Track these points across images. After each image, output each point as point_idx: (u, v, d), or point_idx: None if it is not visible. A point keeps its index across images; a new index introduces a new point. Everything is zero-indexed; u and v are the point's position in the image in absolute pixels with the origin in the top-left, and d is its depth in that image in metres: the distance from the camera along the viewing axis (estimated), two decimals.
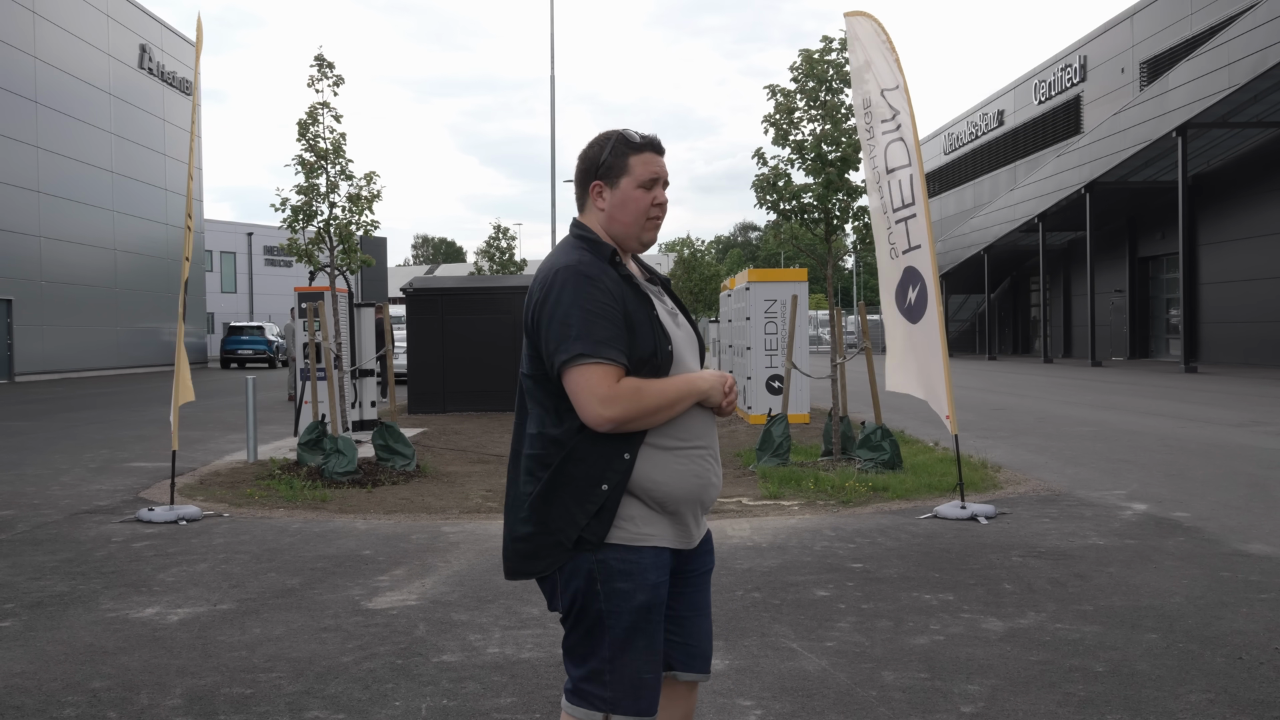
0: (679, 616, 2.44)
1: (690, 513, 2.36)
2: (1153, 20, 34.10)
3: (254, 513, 7.75)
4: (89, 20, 33.73)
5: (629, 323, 2.25)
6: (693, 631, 2.47)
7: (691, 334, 2.47)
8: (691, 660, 2.47)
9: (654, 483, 2.28)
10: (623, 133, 2.39)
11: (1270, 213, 27.86)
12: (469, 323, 17.02)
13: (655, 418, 2.24)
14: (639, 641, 2.29)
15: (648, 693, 2.30)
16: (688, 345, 2.42)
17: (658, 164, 2.37)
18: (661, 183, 2.38)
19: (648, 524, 2.30)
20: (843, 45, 9.71)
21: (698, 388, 2.29)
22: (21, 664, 4.26)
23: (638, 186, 2.35)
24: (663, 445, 2.29)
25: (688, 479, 2.31)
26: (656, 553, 2.31)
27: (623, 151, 2.36)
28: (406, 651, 4.37)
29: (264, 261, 56.19)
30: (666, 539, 2.33)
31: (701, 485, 2.35)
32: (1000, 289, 45.67)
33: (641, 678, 2.30)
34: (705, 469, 2.35)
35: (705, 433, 2.36)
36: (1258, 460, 9.85)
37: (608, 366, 2.19)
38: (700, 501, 2.38)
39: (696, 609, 2.48)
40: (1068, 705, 3.68)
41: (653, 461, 2.28)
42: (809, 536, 6.64)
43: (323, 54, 9.87)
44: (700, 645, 2.48)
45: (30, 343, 29.68)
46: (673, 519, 2.33)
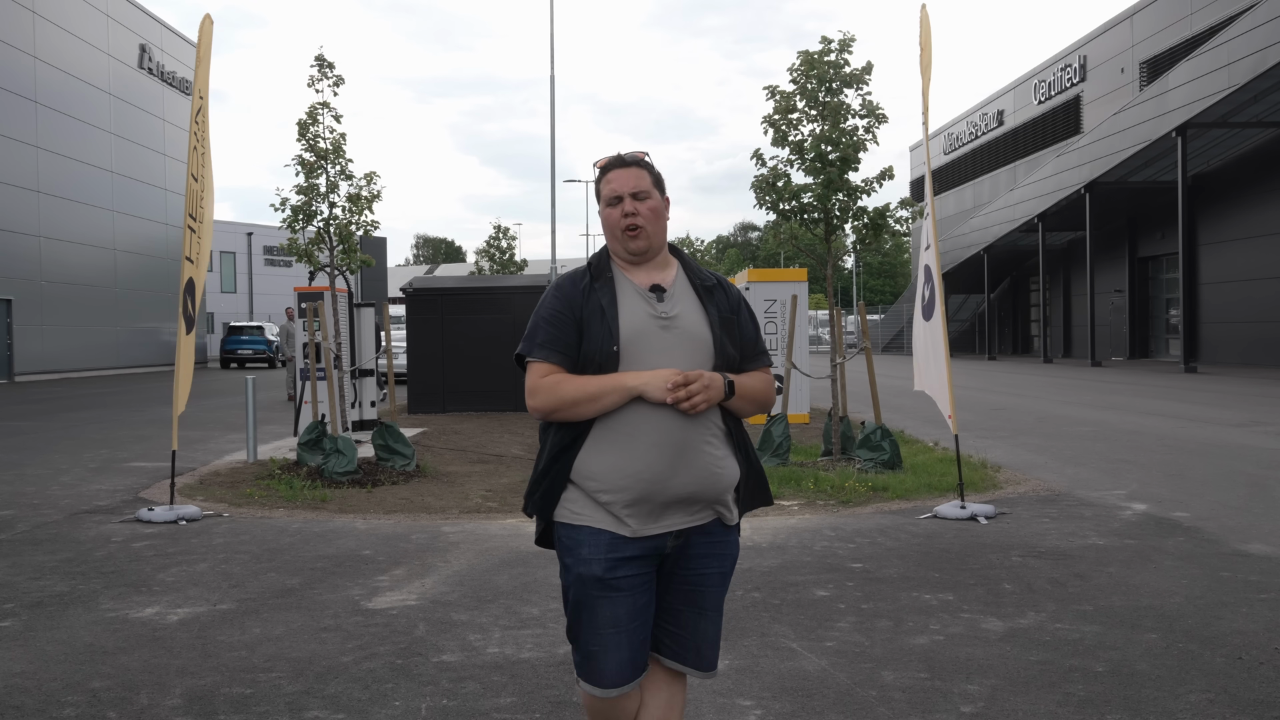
0: (672, 608, 2.59)
1: (629, 504, 2.47)
2: (1153, 20, 34.11)
3: (254, 513, 7.74)
4: (89, 20, 33.73)
5: (580, 326, 2.51)
6: (684, 625, 2.59)
7: (694, 335, 2.56)
8: (681, 651, 2.58)
9: (590, 470, 2.49)
10: (600, 163, 2.66)
11: (1270, 213, 27.86)
12: (469, 323, 17.02)
13: (578, 409, 2.47)
14: (583, 615, 2.51)
15: (597, 665, 2.50)
16: (669, 346, 2.52)
17: (618, 180, 2.59)
18: (628, 196, 2.57)
19: (584, 505, 2.51)
20: (842, 46, 9.72)
21: (625, 384, 2.45)
22: (21, 664, 4.26)
23: (606, 205, 2.61)
24: (605, 437, 2.48)
25: (627, 473, 2.46)
26: (594, 533, 2.49)
27: (599, 179, 2.65)
28: (406, 651, 4.37)
29: (264, 261, 56.17)
30: (604, 522, 2.48)
31: (644, 480, 2.45)
32: (1000, 289, 45.68)
33: (589, 649, 2.51)
34: (648, 463, 2.45)
35: (652, 429, 2.46)
36: (1257, 460, 9.85)
37: (538, 364, 2.52)
38: (651, 496, 2.46)
39: (692, 605, 2.58)
40: (1067, 705, 3.68)
41: (593, 450, 2.49)
42: (809, 536, 6.64)
43: (323, 54, 9.88)
44: (692, 639, 2.58)
45: (30, 343, 29.69)
46: (611, 504, 2.48)
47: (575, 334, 2.51)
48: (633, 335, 2.51)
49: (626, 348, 2.50)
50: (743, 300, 2.73)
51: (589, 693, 2.55)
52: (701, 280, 2.66)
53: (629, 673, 2.52)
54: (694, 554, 2.56)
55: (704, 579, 2.57)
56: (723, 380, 2.51)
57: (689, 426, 2.48)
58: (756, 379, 2.64)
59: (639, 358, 2.50)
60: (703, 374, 2.46)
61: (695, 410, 2.44)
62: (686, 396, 2.42)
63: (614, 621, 2.49)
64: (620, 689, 2.52)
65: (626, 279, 2.60)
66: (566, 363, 2.51)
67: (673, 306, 2.58)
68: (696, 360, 2.53)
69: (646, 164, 2.65)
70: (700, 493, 2.51)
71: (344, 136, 9.94)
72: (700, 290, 2.64)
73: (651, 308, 2.56)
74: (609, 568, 2.47)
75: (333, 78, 9.88)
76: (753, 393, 2.61)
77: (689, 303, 2.61)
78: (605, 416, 2.48)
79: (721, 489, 2.54)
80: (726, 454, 2.56)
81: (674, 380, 2.42)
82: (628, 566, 2.49)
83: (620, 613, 2.49)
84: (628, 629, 2.50)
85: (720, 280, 2.71)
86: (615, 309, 2.53)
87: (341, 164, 9.89)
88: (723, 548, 2.59)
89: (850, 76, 9.69)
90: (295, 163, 9.81)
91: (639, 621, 2.52)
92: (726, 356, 2.58)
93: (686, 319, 2.57)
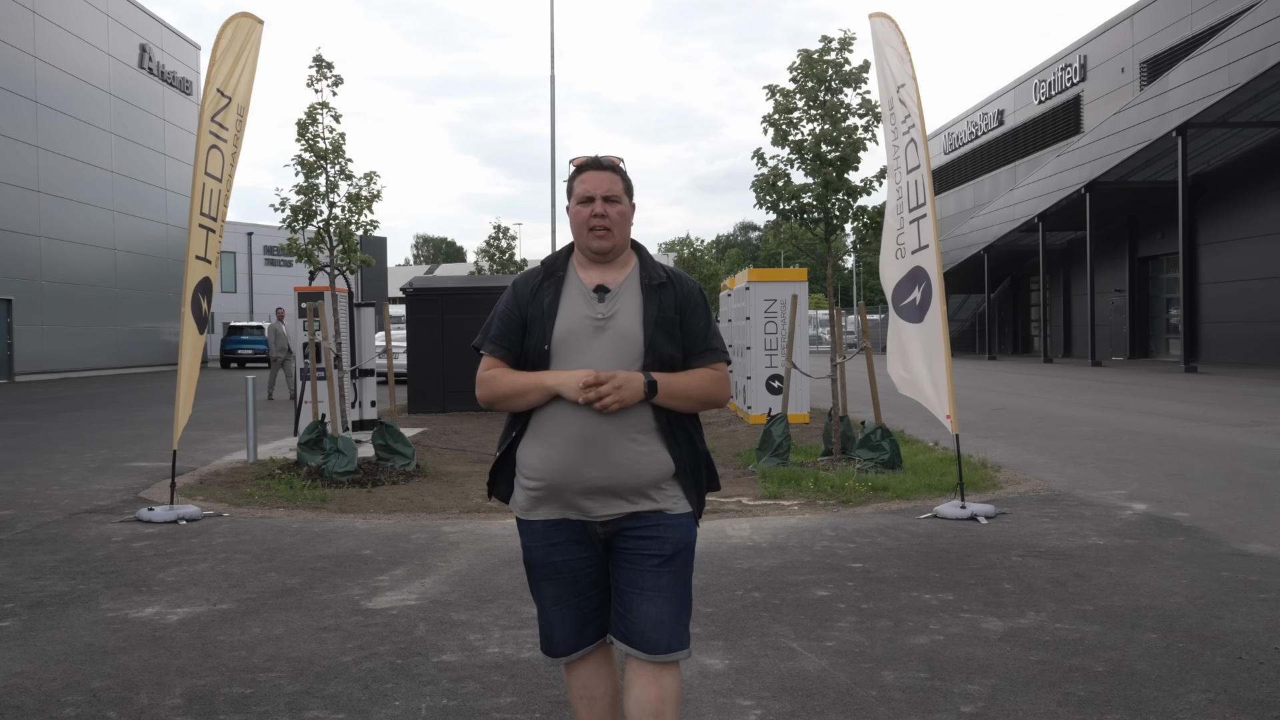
0: (619, 589, 2.71)
1: (548, 492, 2.66)
2: (1153, 20, 34.10)
3: (254, 512, 7.74)
4: (89, 20, 33.72)
5: (525, 324, 2.70)
6: (630, 607, 2.67)
7: (626, 335, 2.66)
8: (629, 635, 2.66)
9: (523, 461, 2.71)
10: (575, 162, 2.78)
11: (1270, 213, 27.85)
12: (469, 322, 16.98)
13: (509, 402, 2.68)
14: (533, 593, 2.78)
15: (547, 637, 2.78)
16: (599, 346, 2.64)
17: (592, 181, 2.71)
18: (599, 198, 2.69)
19: (520, 495, 2.73)
20: (841, 45, 9.72)
21: (544, 383, 2.63)
22: (21, 664, 4.26)
23: (578, 203, 2.73)
24: (535, 430, 2.69)
25: (547, 464, 2.65)
26: (528, 523, 2.72)
27: (572, 176, 2.77)
28: (406, 651, 4.37)
29: (264, 261, 56.17)
30: (534, 512, 2.70)
31: (559, 471, 2.63)
32: (1000, 289, 45.66)
33: (541, 623, 2.79)
34: (565, 457, 2.62)
35: (569, 425, 2.61)
36: (1258, 460, 9.85)
37: (485, 357, 2.74)
38: (564, 487, 2.64)
39: (635, 586, 2.67)
40: (1068, 705, 3.68)
41: (526, 442, 2.70)
42: (809, 536, 6.64)
43: (321, 54, 9.88)
44: (638, 623, 2.65)
45: (30, 342, 29.69)
46: (534, 493, 2.68)
47: (520, 331, 2.71)
48: (565, 335, 2.66)
49: (557, 347, 2.66)
50: (696, 295, 2.79)
51: (548, 661, 2.83)
52: (651, 279, 2.74)
53: (574, 642, 2.75)
54: (629, 537, 2.67)
55: (640, 560, 2.66)
56: (643, 380, 2.60)
57: (606, 423, 2.61)
58: (695, 376, 2.71)
59: (568, 357, 2.65)
60: (616, 374, 2.58)
61: (607, 409, 2.57)
62: (597, 397, 2.55)
63: (556, 598, 2.73)
64: (567, 657, 2.77)
65: (577, 278, 2.73)
66: (510, 358, 2.71)
67: (611, 307, 2.69)
68: (624, 360, 2.64)
69: (621, 170, 2.78)
70: (615, 485, 2.63)
71: (343, 136, 9.94)
72: (646, 289, 2.72)
73: (589, 308, 2.68)
74: (544, 553, 2.70)
75: (331, 78, 9.88)
76: (686, 390, 2.67)
77: (630, 303, 2.70)
78: (538, 411, 2.67)
79: (639, 484, 2.64)
80: (654, 448, 2.65)
81: (585, 381, 2.55)
82: (562, 551, 2.69)
83: (561, 591, 2.72)
84: (569, 604, 2.73)
85: (674, 277, 2.78)
86: (555, 309, 2.68)
87: (341, 164, 9.89)
88: (661, 531, 2.66)
89: (850, 75, 9.69)
90: (295, 163, 9.81)
91: (582, 597, 2.73)
92: (660, 356, 2.66)
93: (621, 319, 2.68)
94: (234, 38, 8.12)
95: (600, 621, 2.76)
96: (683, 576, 2.70)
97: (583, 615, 2.73)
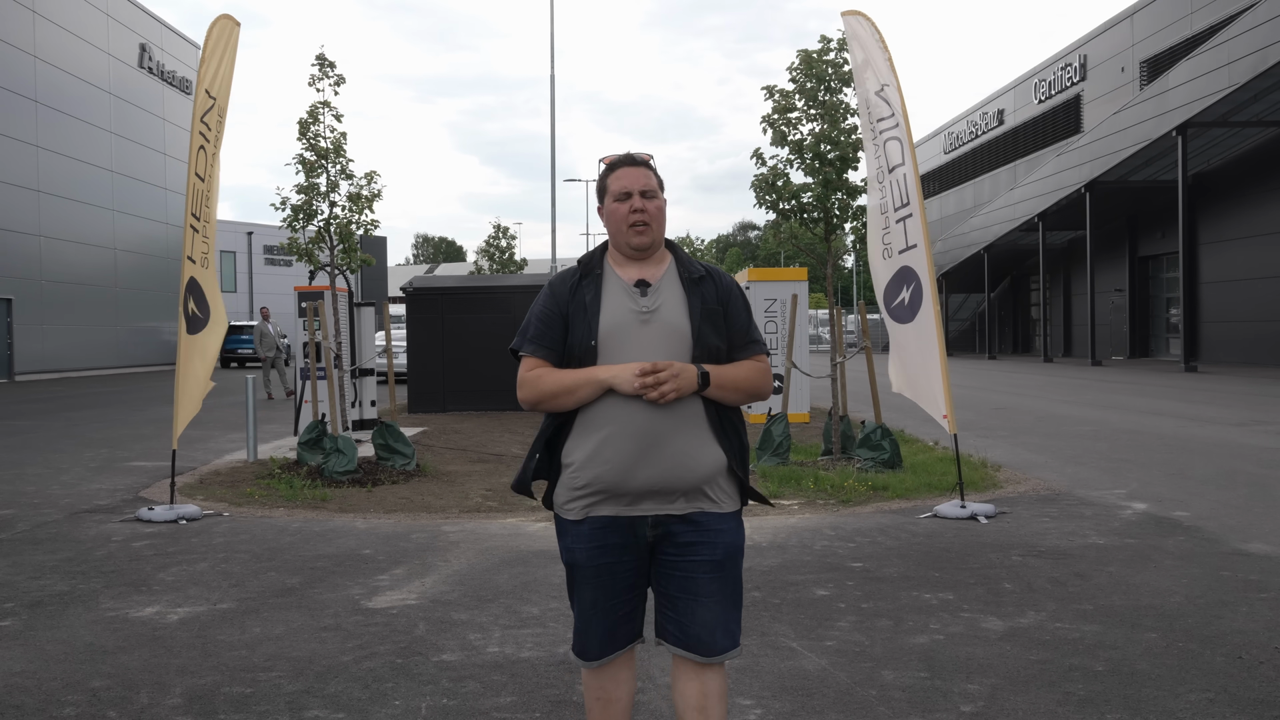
0: (670, 595, 2.67)
1: (600, 492, 2.59)
2: (1153, 19, 34.09)
3: (254, 512, 7.74)
4: (89, 20, 33.72)
5: (566, 322, 2.66)
6: (684, 612, 2.65)
7: (673, 328, 2.62)
8: (684, 639, 2.65)
9: (570, 459, 2.64)
10: (606, 160, 2.77)
11: (1270, 212, 27.85)
12: (469, 322, 17.01)
13: (558, 401, 2.61)
14: (573, 593, 2.72)
15: (582, 640, 2.71)
16: (647, 339, 2.60)
17: (629, 177, 2.69)
18: (637, 193, 2.67)
19: (565, 494, 2.66)
20: (840, 45, 9.72)
21: (597, 378, 2.56)
22: (21, 663, 4.26)
23: (614, 200, 2.70)
24: (583, 427, 2.62)
25: (599, 462, 2.58)
26: (574, 523, 2.65)
27: (605, 175, 2.75)
28: (406, 651, 4.37)
29: (264, 261, 56.19)
30: (581, 511, 2.63)
31: (616, 469, 2.56)
32: (1000, 288, 45.67)
33: (578, 625, 2.73)
34: (619, 453, 2.56)
35: (622, 420, 2.56)
36: (1258, 459, 9.85)
37: (526, 358, 2.69)
38: (619, 485, 2.57)
39: (688, 592, 2.64)
40: (1068, 704, 3.68)
41: (573, 440, 2.64)
42: (809, 536, 6.64)
43: (324, 54, 9.89)
44: (692, 627, 2.64)
45: (30, 342, 29.68)
46: (586, 492, 2.61)
47: (561, 330, 2.66)
48: (611, 329, 2.62)
49: (604, 342, 2.61)
50: (735, 289, 2.77)
51: (580, 664, 2.76)
52: (690, 272, 2.73)
53: (608, 647, 2.70)
54: (680, 543, 2.62)
55: (694, 566, 2.63)
56: (696, 371, 2.56)
57: (661, 417, 2.56)
58: (743, 368, 2.68)
59: (617, 351, 2.60)
60: (672, 364, 2.53)
61: (663, 400, 2.52)
62: (654, 384, 2.50)
63: (594, 602, 2.67)
64: (600, 661, 2.71)
65: (615, 274, 2.71)
66: (552, 357, 2.66)
67: (654, 300, 2.66)
68: (674, 352, 2.60)
69: (652, 166, 2.77)
70: (670, 483, 2.58)
71: (344, 136, 9.94)
72: (687, 282, 2.71)
73: (633, 302, 2.65)
74: (588, 555, 2.64)
75: (333, 77, 9.89)
76: (736, 382, 2.64)
77: (673, 296, 2.68)
78: (585, 409, 2.61)
79: (695, 479, 2.60)
80: (706, 444, 2.61)
81: (642, 368, 2.51)
82: (606, 554, 2.63)
83: (600, 595, 2.66)
84: (606, 608, 2.67)
85: (711, 271, 2.77)
86: (598, 305, 2.64)
87: (342, 163, 9.90)
88: (712, 535, 2.63)
89: (848, 75, 9.69)
90: (296, 162, 9.81)
91: (619, 601, 2.67)
92: (707, 347, 2.63)
93: (666, 312, 2.65)
94: (218, 39, 8.15)
95: (632, 625, 2.73)
96: (734, 577, 2.68)
97: (617, 619, 2.69)
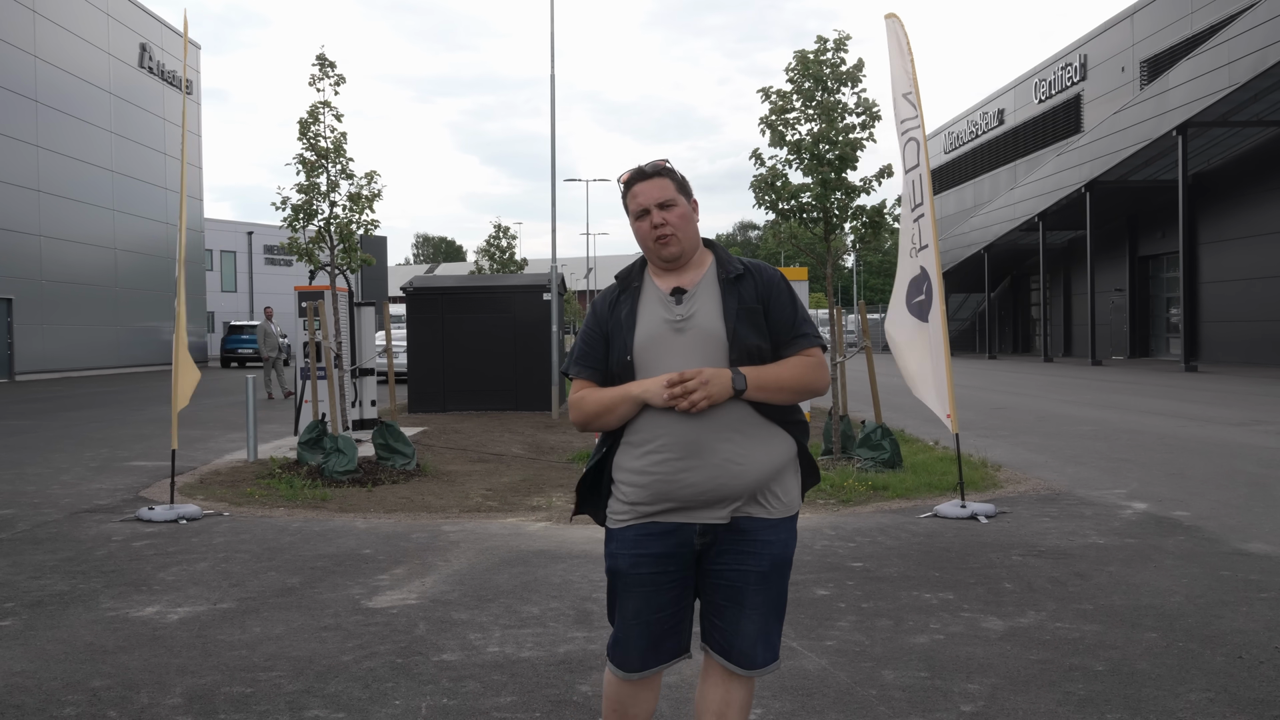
0: (716, 603, 2.64)
1: (646, 503, 2.56)
2: (1153, 19, 34.09)
3: (254, 512, 7.74)
4: (89, 19, 33.71)
5: (608, 340, 2.64)
6: (727, 620, 2.63)
7: (708, 333, 2.56)
8: (728, 650, 2.63)
9: (622, 471, 2.61)
10: (622, 179, 2.70)
11: (1270, 212, 27.84)
12: (469, 322, 17.01)
13: (601, 420, 2.60)
14: (615, 602, 2.65)
15: (622, 651, 2.64)
16: (683, 347, 2.55)
17: (643, 193, 2.63)
18: (654, 208, 2.61)
19: (615, 504, 2.63)
20: (837, 46, 9.73)
21: (630, 394, 2.54)
22: (21, 663, 4.26)
23: (635, 219, 2.66)
24: (629, 442, 2.60)
25: (645, 474, 2.55)
26: (620, 530, 2.61)
27: (624, 195, 2.69)
28: (406, 650, 4.37)
29: (264, 260, 56.20)
30: (628, 520, 2.60)
31: (659, 480, 2.53)
32: (1000, 288, 45.66)
33: (618, 634, 2.65)
34: (663, 465, 2.53)
35: (663, 432, 2.52)
36: (1258, 459, 9.85)
37: (575, 380, 2.69)
38: (667, 496, 2.54)
39: (733, 602, 2.61)
40: (1068, 704, 3.68)
41: (622, 454, 2.62)
42: (809, 535, 6.64)
43: (324, 53, 9.89)
44: (735, 639, 2.62)
45: (30, 342, 29.68)
46: (633, 502, 2.58)
47: (604, 349, 2.65)
48: (646, 343, 2.57)
49: (640, 356, 2.57)
50: (779, 283, 2.65)
51: (612, 673, 2.69)
52: (728, 272, 2.64)
53: (650, 659, 2.63)
54: (727, 551, 2.57)
55: (742, 576, 2.58)
56: (729, 375, 2.48)
57: (701, 425, 2.49)
58: (787, 366, 2.57)
59: (653, 364, 2.56)
60: (701, 372, 2.46)
61: (695, 409, 2.44)
62: (683, 394, 2.44)
63: (636, 612, 2.60)
64: (640, 674, 2.64)
65: (653, 285, 2.66)
66: (597, 377, 2.65)
67: (689, 308, 2.59)
68: (710, 358, 2.53)
69: (668, 170, 2.66)
70: (715, 491, 2.51)
71: (345, 136, 9.95)
72: (724, 283, 2.62)
73: (668, 312, 2.59)
74: (632, 563, 2.58)
75: (334, 77, 9.89)
76: (780, 381, 2.54)
77: (709, 300, 2.60)
78: (630, 424, 2.58)
79: (743, 486, 2.52)
80: (754, 449, 2.53)
81: (669, 380, 2.45)
82: (651, 563, 2.57)
83: (643, 605, 2.60)
84: (649, 620, 2.60)
85: (752, 268, 2.67)
86: (633, 319, 2.61)
87: (342, 163, 9.90)
88: (760, 546, 2.57)
89: (846, 75, 9.69)
90: (296, 162, 9.81)
91: (664, 614, 2.60)
92: (746, 349, 2.54)
93: (701, 317, 2.58)
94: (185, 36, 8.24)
95: (678, 639, 2.65)
96: (779, 589, 2.64)
97: (660, 631, 2.61)
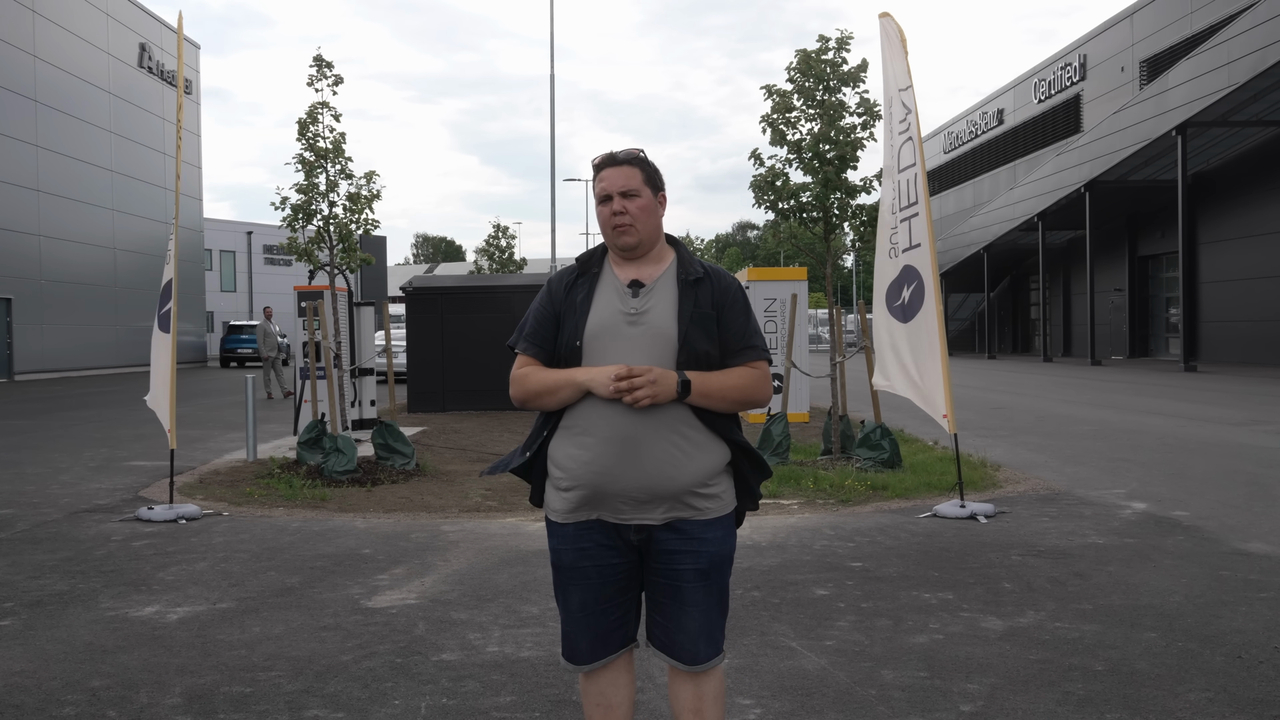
0: (656, 600, 2.64)
1: (582, 495, 2.55)
2: (1152, 19, 34.10)
3: (253, 511, 7.74)
4: (89, 19, 33.71)
5: (559, 320, 2.63)
6: (668, 617, 2.63)
7: (660, 331, 2.55)
8: (670, 646, 2.64)
9: (555, 460, 2.61)
10: (594, 161, 2.68)
11: (1270, 212, 27.85)
12: (469, 322, 17.01)
13: (541, 400, 2.59)
14: (558, 596, 2.68)
15: (571, 643, 2.68)
16: (633, 341, 2.55)
17: (609, 179, 2.62)
18: (616, 194, 2.59)
19: (552, 496, 2.64)
20: (839, 45, 9.73)
21: (575, 380, 2.53)
22: (21, 663, 4.26)
23: (599, 204, 2.65)
24: (567, 429, 2.59)
25: (580, 464, 2.54)
26: (559, 525, 2.62)
27: (593, 178, 2.68)
28: (406, 650, 4.37)
29: (264, 260, 56.23)
30: (566, 514, 2.60)
31: (594, 472, 2.52)
32: (1000, 288, 45.66)
33: (566, 628, 2.68)
34: (598, 456, 2.52)
35: (603, 424, 2.51)
36: (1257, 459, 9.85)
37: (519, 355, 2.68)
38: (595, 488, 2.53)
39: (672, 599, 2.61)
40: (1067, 704, 3.68)
41: (558, 441, 2.61)
42: (808, 535, 6.64)
43: (321, 54, 9.90)
44: (676, 636, 2.62)
45: (30, 341, 29.68)
46: (568, 495, 2.58)
47: (553, 328, 2.64)
48: (598, 331, 2.57)
49: (590, 343, 2.56)
50: (734, 292, 2.66)
51: (565, 668, 2.72)
52: (688, 274, 2.63)
53: (599, 650, 2.65)
54: (664, 549, 2.57)
55: (679, 574, 2.58)
56: (676, 378, 2.48)
57: (641, 421, 2.49)
58: (733, 375, 2.58)
59: (601, 353, 2.55)
60: (651, 370, 2.46)
61: (639, 404, 2.45)
62: (629, 389, 2.44)
63: (582, 604, 2.63)
64: (591, 665, 2.67)
65: (611, 274, 2.65)
66: (543, 356, 2.64)
67: (645, 302, 2.58)
68: (658, 357, 2.52)
69: (640, 160, 2.64)
70: (649, 490, 2.51)
71: (344, 136, 9.95)
72: (682, 284, 2.61)
73: (623, 303, 2.59)
74: (573, 557, 2.61)
75: (331, 77, 9.90)
76: (723, 390, 2.55)
77: (665, 298, 2.59)
78: (570, 410, 2.57)
79: (676, 488, 2.52)
80: (689, 452, 2.53)
81: (617, 374, 2.45)
82: (592, 556, 2.59)
83: (588, 597, 2.62)
84: (595, 611, 2.62)
85: (711, 273, 2.66)
86: (588, 305, 2.60)
87: (341, 163, 9.90)
88: (697, 544, 2.56)
89: (847, 75, 9.69)
90: (295, 162, 9.82)
91: (608, 605, 2.63)
92: (694, 353, 2.54)
93: (655, 315, 2.57)
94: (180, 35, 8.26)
95: (624, 630, 2.67)
96: (719, 586, 2.63)
97: (608, 623, 2.63)
